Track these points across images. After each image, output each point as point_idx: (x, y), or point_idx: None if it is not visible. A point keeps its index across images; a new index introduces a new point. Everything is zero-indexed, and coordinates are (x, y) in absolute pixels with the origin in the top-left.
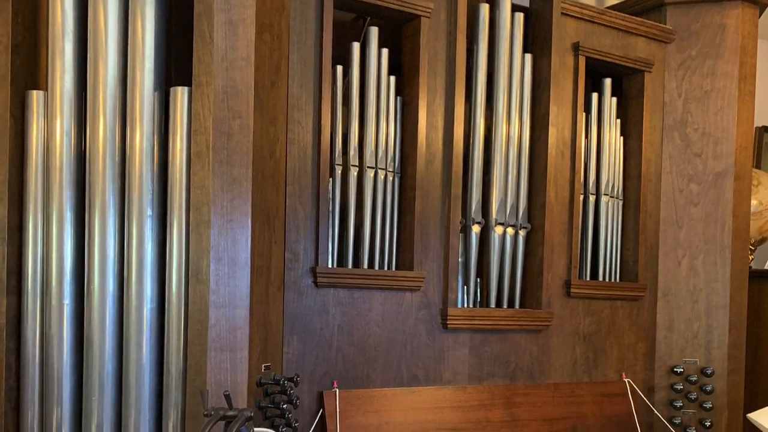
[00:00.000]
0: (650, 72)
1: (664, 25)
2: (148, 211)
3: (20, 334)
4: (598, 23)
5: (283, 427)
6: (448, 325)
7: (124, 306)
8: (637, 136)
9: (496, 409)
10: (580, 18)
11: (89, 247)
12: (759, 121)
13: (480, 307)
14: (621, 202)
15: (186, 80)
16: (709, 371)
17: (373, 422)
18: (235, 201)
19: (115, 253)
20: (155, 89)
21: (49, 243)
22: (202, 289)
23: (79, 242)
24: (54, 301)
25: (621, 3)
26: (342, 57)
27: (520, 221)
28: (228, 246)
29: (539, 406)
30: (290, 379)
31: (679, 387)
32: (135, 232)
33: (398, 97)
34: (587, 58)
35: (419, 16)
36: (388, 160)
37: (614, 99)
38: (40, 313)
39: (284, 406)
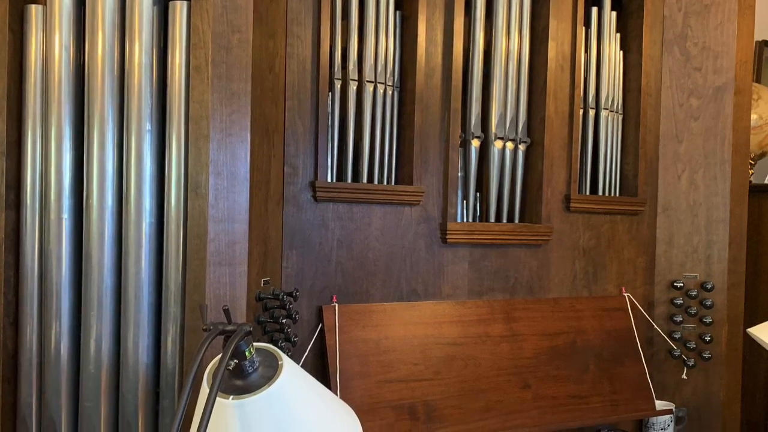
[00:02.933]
0: None
1: None
2: (147, 126)
3: (19, 248)
4: None
5: (282, 342)
6: (448, 240)
7: (123, 221)
8: (636, 50)
9: (495, 323)
10: None
11: (88, 162)
12: (759, 35)
13: (479, 221)
14: (621, 117)
15: None
16: (709, 286)
17: (373, 337)
18: (234, 115)
19: (114, 168)
20: (154, 3)
21: (47, 157)
22: (201, 204)
23: (78, 157)
24: (53, 216)
25: None
26: None
27: (519, 135)
28: (227, 160)
29: (539, 321)
30: (289, 294)
31: (679, 301)
32: (134, 147)
33: (397, 11)
34: None
35: None
36: (388, 75)
37: (614, 13)
38: (39, 228)
39: (283, 320)
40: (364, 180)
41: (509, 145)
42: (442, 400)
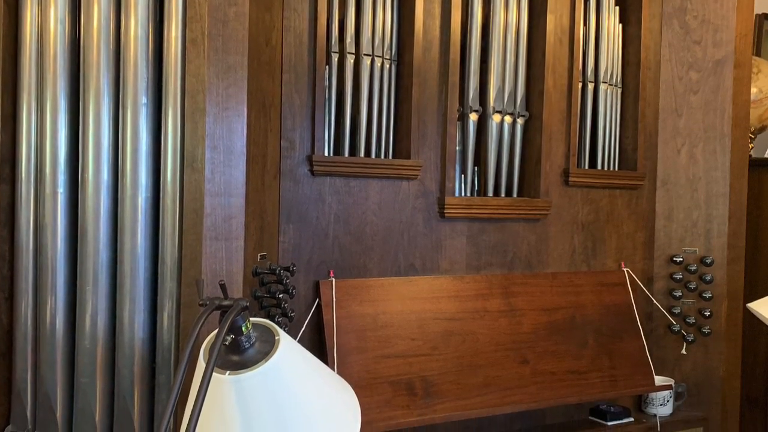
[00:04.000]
0: None
1: None
2: (143, 99)
3: (14, 222)
4: None
5: (279, 317)
6: (446, 214)
7: (119, 195)
8: (636, 23)
9: (493, 298)
10: None
11: (83, 136)
12: (759, 9)
13: (478, 195)
14: (620, 90)
15: None
16: (708, 260)
17: (370, 312)
18: (230, 89)
19: (110, 142)
20: None
21: (43, 131)
22: (197, 178)
23: (74, 130)
24: (48, 190)
25: None
26: None
27: (518, 109)
28: (223, 134)
29: (537, 296)
30: (286, 269)
31: (679, 276)
32: (129, 121)
33: None
34: None
35: None
36: (385, 48)
37: None
38: (34, 202)
39: (280, 295)
40: (362, 154)
41: (507, 119)
42: (440, 376)
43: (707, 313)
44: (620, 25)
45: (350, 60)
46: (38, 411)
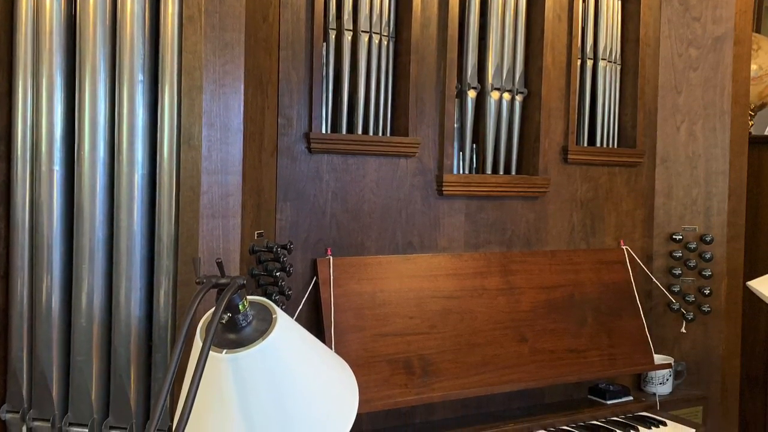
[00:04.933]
0: None
1: None
2: (139, 76)
3: (9, 200)
4: None
5: (276, 295)
6: (444, 192)
7: (115, 172)
8: None
9: (492, 276)
10: None
11: (79, 113)
12: None
13: (476, 173)
14: (619, 67)
15: None
16: (708, 238)
17: (368, 290)
18: (227, 66)
19: (106, 119)
20: None
21: (39, 108)
22: (194, 155)
23: (70, 107)
24: (44, 167)
25: None
26: None
27: (516, 86)
28: (220, 111)
29: (536, 274)
30: (283, 247)
31: (678, 254)
32: (126, 98)
33: None
34: None
35: None
36: (383, 25)
37: None
38: (29, 180)
39: (277, 273)
40: (359, 131)
41: (506, 96)
42: (438, 354)
43: (707, 292)
44: (619, 1)
45: (348, 37)
46: (34, 390)
